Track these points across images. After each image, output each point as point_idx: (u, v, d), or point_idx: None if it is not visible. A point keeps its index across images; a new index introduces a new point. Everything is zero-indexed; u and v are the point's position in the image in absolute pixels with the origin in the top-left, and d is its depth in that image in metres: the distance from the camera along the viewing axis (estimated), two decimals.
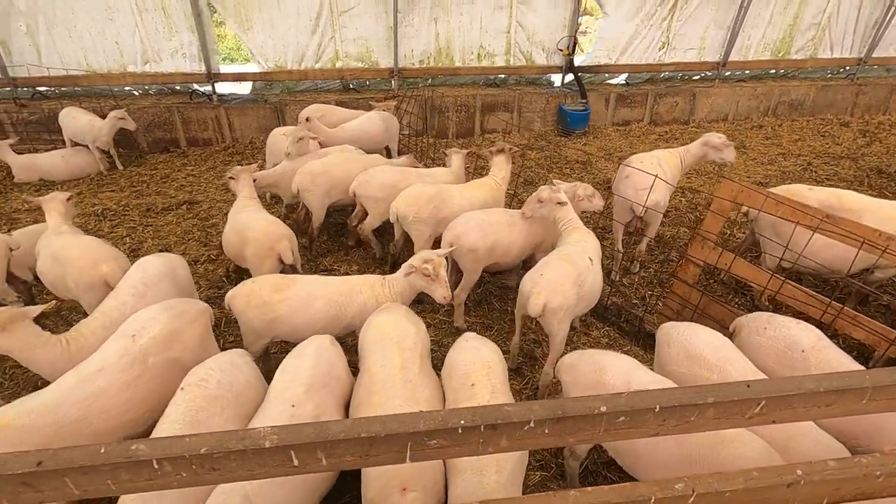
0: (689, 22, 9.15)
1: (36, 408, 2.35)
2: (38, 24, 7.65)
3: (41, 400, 2.38)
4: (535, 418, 1.41)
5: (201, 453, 1.29)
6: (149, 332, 2.68)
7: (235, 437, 1.32)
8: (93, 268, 3.51)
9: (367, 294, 3.23)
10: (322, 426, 1.36)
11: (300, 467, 1.38)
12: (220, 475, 1.34)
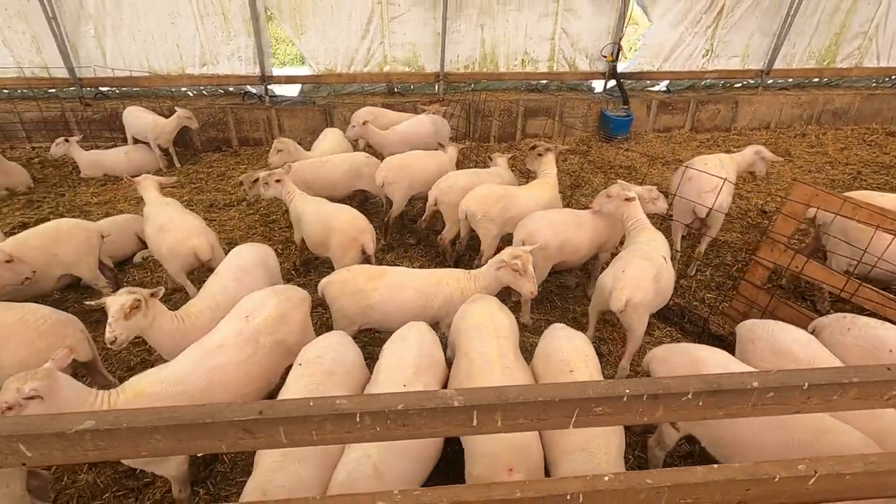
0: (733, 29, 9.17)
1: (166, 377, 2.54)
2: (105, 28, 8.04)
3: (170, 370, 2.57)
4: (693, 390, 1.52)
5: (398, 409, 1.43)
6: (260, 314, 2.86)
7: (427, 397, 1.45)
8: (186, 240, 3.93)
9: (454, 286, 3.37)
10: (501, 390, 1.49)
11: (478, 427, 1.51)
12: (408, 431, 1.48)
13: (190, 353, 2.67)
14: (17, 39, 7.98)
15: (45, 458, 1.39)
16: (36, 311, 3.07)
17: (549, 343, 2.86)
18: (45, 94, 8.53)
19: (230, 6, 8.07)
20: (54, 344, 2.97)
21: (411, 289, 3.33)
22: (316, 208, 4.52)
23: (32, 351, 2.93)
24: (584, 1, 8.65)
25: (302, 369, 2.59)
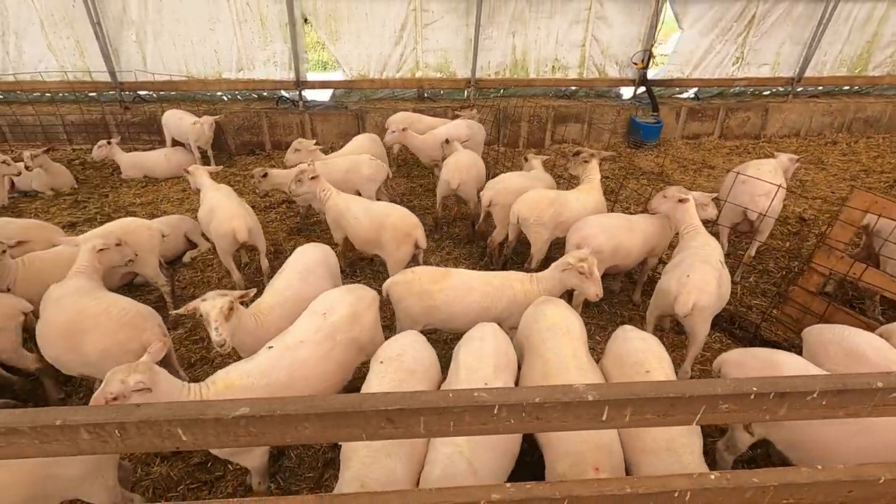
0: (764, 38, 9.17)
1: (252, 370, 2.60)
2: (146, 33, 8.22)
3: (255, 364, 2.64)
4: (819, 389, 1.54)
5: (535, 402, 1.47)
6: (337, 312, 2.93)
7: (562, 391, 1.49)
8: (228, 221, 4.38)
9: (518, 289, 3.42)
10: (629, 386, 1.53)
11: (606, 421, 1.55)
12: (540, 424, 1.52)
13: (272, 348, 2.73)
14: (62, 44, 8.19)
15: (198, 441, 1.45)
16: (118, 302, 3.17)
17: (621, 344, 2.89)
18: (85, 97, 8.73)
19: (268, 12, 8.23)
20: (133, 336, 3.06)
21: (476, 290, 3.38)
22: (364, 206, 4.61)
23: (113, 341, 3.02)
24: (616, 8, 8.70)
25: (384, 367, 2.64)
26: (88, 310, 3.07)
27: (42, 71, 8.27)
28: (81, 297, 3.17)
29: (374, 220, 4.42)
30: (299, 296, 3.23)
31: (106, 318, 3.04)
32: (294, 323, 2.93)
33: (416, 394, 1.47)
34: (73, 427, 1.38)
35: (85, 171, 7.92)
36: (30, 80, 8.31)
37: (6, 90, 8.35)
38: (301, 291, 3.29)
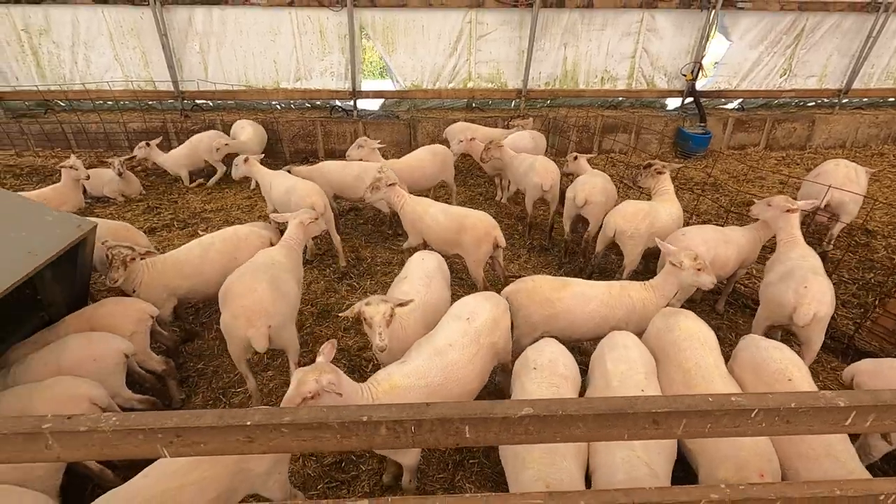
0: (812, 50, 9.26)
1: (412, 372, 2.72)
2: (209, 44, 8.46)
3: (412, 367, 2.75)
4: None
5: (790, 407, 1.57)
6: (480, 317, 3.04)
7: (814, 397, 1.59)
8: (307, 196, 5.07)
9: (635, 297, 3.52)
10: (876, 394, 1.62)
11: (848, 426, 1.64)
12: (788, 427, 1.61)
13: (423, 351, 2.85)
14: (129, 55, 8.44)
15: (479, 438, 1.56)
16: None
17: (755, 353, 2.97)
18: (145, 105, 8.96)
19: (327, 24, 8.43)
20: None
21: (595, 299, 3.48)
22: (443, 209, 4.78)
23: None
24: (667, 21, 8.83)
25: (538, 373, 2.74)
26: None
27: (108, 81, 8.51)
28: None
29: (453, 222, 4.59)
30: (427, 302, 3.35)
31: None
32: (437, 328, 3.05)
33: (680, 398, 1.57)
34: (376, 423, 1.49)
35: (148, 177, 8.11)
36: (96, 89, 8.55)
37: (73, 98, 8.60)
38: (427, 298, 3.41)
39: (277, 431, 1.49)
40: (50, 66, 8.45)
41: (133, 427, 1.45)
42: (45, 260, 3.08)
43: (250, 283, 3.41)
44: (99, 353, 3.13)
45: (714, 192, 7.95)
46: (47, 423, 1.45)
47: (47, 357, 3.07)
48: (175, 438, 1.48)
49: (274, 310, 3.34)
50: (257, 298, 3.32)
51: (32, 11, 8.00)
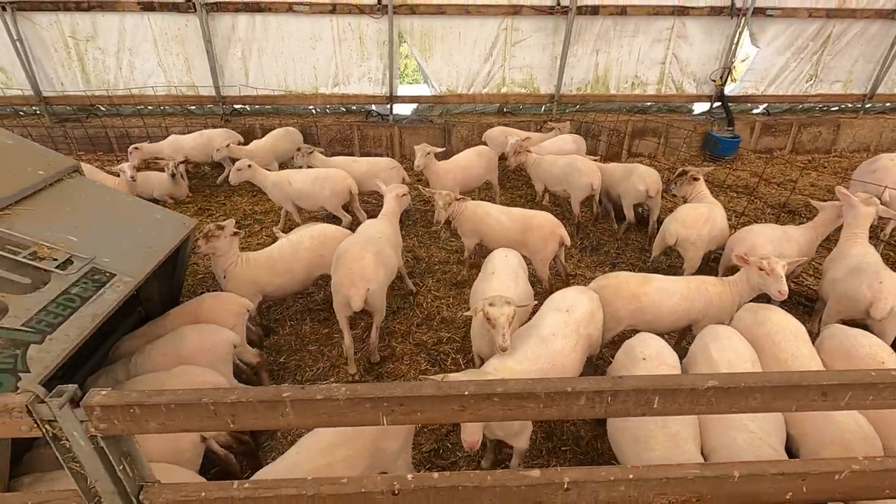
0: (838, 56, 9.46)
1: (524, 358, 2.87)
2: (251, 50, 8.65)
3: (522, 353, 2.91)
4: None
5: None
6: (579, 309, 3.20)
7: None
8: (343, 180, 5.94)
9: (713, 291, 3.67)
10: None
11: None
12: (875, 402, 1.75)
13: (528, 339, 3.01)
14: (172, 61, 8.63)
15: (665, 409, 1.71)
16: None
17: (843, 341, 3.11)
18: (185, 110, 9.15)
19: (367, 31, 8.63)
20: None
21: (676, 293, 3.63)
22: (504, 210, 4.98)
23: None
24: (697, 28, 9.04)
25: (647, 363, 2.89)
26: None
27: (151, 86, 8.70)
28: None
29: (518, 223, 4.77)
30: (519, 297, 3.51)
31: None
32: (536, 318, 3.21)
33: (846, 372, 1.73)
34: (577, 394, 1.65)
35: (191, 180, 8.28)
36: (139, 94, 8.74)
37: (117, 103, 8.78)
38: (517, 293, 3.56)
39: (489, 401, 1.64)
40: (95, 72, 8.64)
41: (363, 396, 1.60)
42: (164, 256, 3.24)
43: (360, 252, 3.92)
44: (212, 343, 3.29)
45: (748, 194, 8.12)
46: (286, 391, 1.60)
47: (166, 347, 3.22)
48: (398, 407, 1.63)
49: (374, 277, 3.84)
50: (363, 265, 3.83)
51: (81, 18, 8.20)
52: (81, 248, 2.87)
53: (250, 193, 7.81)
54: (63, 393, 1.58)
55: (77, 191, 3.32)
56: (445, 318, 4.78)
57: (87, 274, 2.75)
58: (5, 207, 2.87)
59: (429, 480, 1.88)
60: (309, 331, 4.67)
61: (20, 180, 3.03)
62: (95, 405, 1.56)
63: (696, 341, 3.28)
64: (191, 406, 1.59)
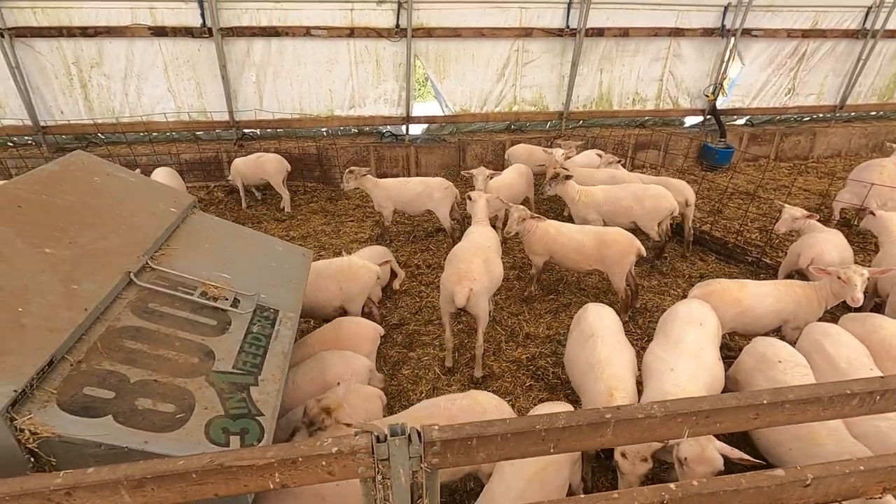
0: (812, 71, 10.38)
1: (691, 377, 3.04)
2: (266, 74, 8.56)
3: (689, 371, 3.08)
4: None
5: None
6: (710, 322, 3.41)
7: None
8: (442, 184, 6.35)
9: (800, 293, 3.97)
10: None
11: None
12: None
13: (682, 358, 3.17)
14: (183, 86, 8.41)
15: (836, 413, 1.89)
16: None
17: None
18: (193, 136, 8.90)
19: (384, 54, 8.73)
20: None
21: (770, 296, 3.92)
22: (577, 228, 5.20)
23: None
24: (691, 47, 9.70)
25: (784, 365, 3.11)
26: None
27: (160, 113, 8.43)
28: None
29: (594, 239, 4.98)
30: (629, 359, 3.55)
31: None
32: (673, 334, 3.36)
33: None
34: (853, 395, 1.82)
35: (209, 207, 8.07)
36: (146, 121, 8.44)
37: (124, 130, 8.44)
38: (625, 359, 3.43)
39: (781, 407, 1.79)
40: (99, 99, 8.29)
41: (677, 412, 1.71)
42: (303, 288, 3.22)
43: (469, 256, 4.31)
44: (355, 369, 3.29)
45: (748, 199, 8.72)
46: (608, 413, 1.69)
47: (311, 374, 3.19)
48: (704, 420, 1.75)
49: (478, 278, 4.10)
50: (470, 267, 4.17)
51: (86, 45, 7.87)
52: (238, 286, 2.82)
53: (284, 217, 7.67)
54: (398, 432, 1.60)
55: (204, 226, 3.25)
56: (530, 334, 4.90)
57: (257, 312, 2.71)
58: (160, 247, 2.79)
59: (691, 488, 2.00)
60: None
61: (162, 219, 2.95)
62: (436, 440, 1.60)
63: (803, 339, 3.54)
64: (523, 434, 1.64)
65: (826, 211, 7.37)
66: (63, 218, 2.52)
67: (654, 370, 3.20)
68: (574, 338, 3.66)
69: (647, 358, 3.37)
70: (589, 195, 6.01)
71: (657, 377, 3.09)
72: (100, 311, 2.20)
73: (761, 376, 3.20)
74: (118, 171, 3.21)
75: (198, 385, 2.11)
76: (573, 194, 6.04)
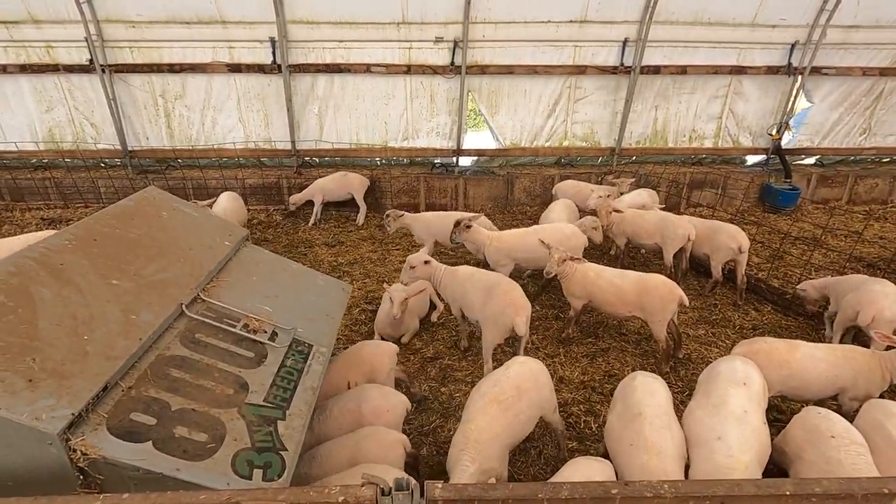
0: (890, 111, 9.70)
1: (744, 446, 2.90)
2: (327, 107, 9.10)
3: (737, 439, 2.94)
4: None
5: None
6: (755, 382, 3.29)
7: None
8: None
9: (861, 361, 3.69)
10: None
11: None
12: None
13: (727, 422, 3.03)
14: (252, 117, 9.10)
15: None
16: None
17: None
18: (258, 162, 9.54)
19: (438, 90, 9.06)
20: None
21: (824, 360, 3.67)
22: (618, 273, 5.09)
23: None
24: (753, 85, 9.37)
25: (838, 441, 2.86)
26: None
27: (230, 142, 9.14)
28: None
29: (635, 285, 4.86)
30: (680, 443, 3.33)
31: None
32: (715, 394, 3.21)
33: None
34: (892, 495, 1.70)
35: (266, 230, 8.57)
36: (217, 148, 9.17)
37: (198, 156, 9.20)
38: (675, 441, 3.16)
39: (807, 501, 1.70)
40: (180, 128, 9.11)
41: (688, 494, 1.67)
42: (339, 321, 3.37)
43: (511, 282, 4.57)
44: (393, 404, 3.39)
45: (816, 245, 8.18)
46: (614, 488, 1.68)
47: (349, 405, 3.32)
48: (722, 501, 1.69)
49: (528, 304, 4.44)
50: (520, 293, 4.42)
51: (171, 80, 8.73)
52: (278, 319, 3.01)
53: (332, 244, 8.03)
54: (403, 486, 1.67)
55: (253, 260, 3.50)
56: (564, 378, 4.82)
57: (292, 345, 2.88)
58: (211, 280, 3.04)
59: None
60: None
61: (217, 252, 3.22)
62: (438, 498, 1.64)
63: (861, 416, 3.28)
64: (525, 502, 1.66)
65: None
66: (131, 251, 2.82)
67: (699, 438, 3.04)
68: (618, 411, 3.31)
69: (688, 421, 3.21)
70: (500, 240, 5.94)
71: (706, 447, 2.93)
72: (153, 339, 2.43)
73: (812, 450, 2.98)
74: (184, 205, 3.54)
75: (230, 416, 2.28)
76: (483, 239, 5.93)
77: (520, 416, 3.21)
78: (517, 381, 3.31)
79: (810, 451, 2.99)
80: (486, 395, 3.18)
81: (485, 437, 2.94)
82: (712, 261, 6.19)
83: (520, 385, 3.29)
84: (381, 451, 2.98)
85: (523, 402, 3.25)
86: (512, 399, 3.19)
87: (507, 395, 3.19)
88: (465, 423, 3.06)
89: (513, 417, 3.15)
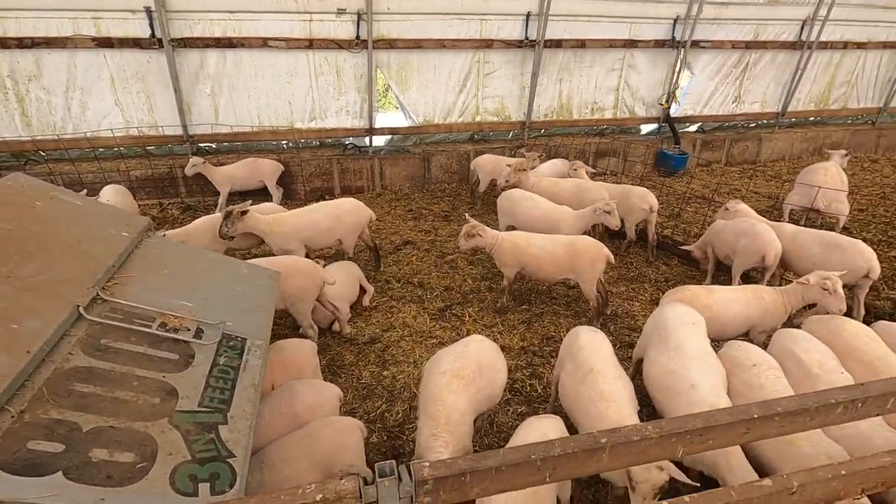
0: (755, 80, 10.95)
1: (717, 383, 3.11)
2: (221, 87, 8.26)
3: (714, 378, 3.16)
4: None
5: None
6: (700, 322, 3.52)
7: None
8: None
9: (767, 299, 4.08)
10: None
11: None
12: None
13: (690, 360, 3.23)
14: (132, 100, 8.00)
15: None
16: None
17: None
18: (143, 151, 8.46)
19: (344, 65, 8.60)
20: None
21: (738, 301, 4.02)
22: (550, 238, 5.21)
23: None
24: (644, 59, 10.05)
25: (758, 368, 3.15)
26: None
27: (106, 128, 7.98)
28: None
29: (565, 248, 5.03)
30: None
31: None
32: (674, 337, 3.36)
33: None
34: (836, 404, 1.85)
35: (160, 228, 7.67)
36: (90, 137, 7.96)
37: (68, 147, 7.93)
38: (628, 394, 3.29)
39: (771, 421, 1.79)
40: (38, 115, 7.75)
41: (672, 431, 1.68)
42: (272, 312, 3.05)
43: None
44: (325, 397, 3.13)
45: (710, 203, 9.06)
46: (603, 437, 1.64)
47: (280, 407, 3.00)
48: (698, 437, 1.73)
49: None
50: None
51: (21, 56, 7.36)
52: (201, 314, 2.64)
53: None
54: (387, 472, 1.50)
55: (161, 251, 3.04)
56: (505, 346, 4.84)
57: (223, 341, 2.54)
58: (112, 276, 2.57)
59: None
60: None
61: (113, 245, 2.73)
62: (428, 478, 1.50)
63: (773, 345, 3.64)
64: (519, 466, 1.57)
65: (776, 213, 7.74)
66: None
67: (670, 388, 3.15)
68: (569, 370, 3.34)
69: (653, 371, 3.33)
70: (282, 223, 5.36)
71: (682, 397, 3.04)
72: (45, 352, 1.98)
73: (737, 380, 3.25)
74: (63, 193, 2.96)
75: (160, 428, 1.93)
76: (263, 227, 5.22)
77: (480, 394, 3.14)
78: (478, 358, 3.22)
79: (734, 380, 3.26)
80: (448, 371, 3.06)
81: (455, 417, 2.83)
82: (626, 222, 6.57)
83: (480, 361, 3.22)
84: (338, 438, 2.76)
85: (484, 378, 3.18)
86: (473, 374, 3.10)
87: (468, 370, 3.09)
88: (430, 405, 2.91)
89: (476, 392, 3.07)
